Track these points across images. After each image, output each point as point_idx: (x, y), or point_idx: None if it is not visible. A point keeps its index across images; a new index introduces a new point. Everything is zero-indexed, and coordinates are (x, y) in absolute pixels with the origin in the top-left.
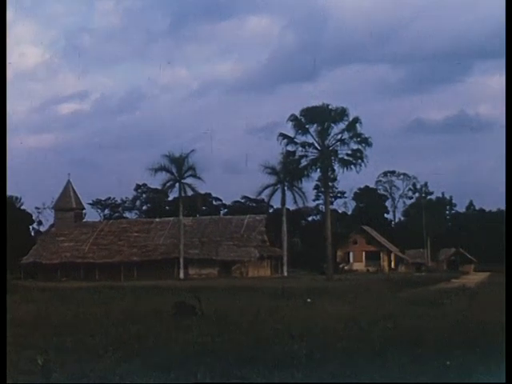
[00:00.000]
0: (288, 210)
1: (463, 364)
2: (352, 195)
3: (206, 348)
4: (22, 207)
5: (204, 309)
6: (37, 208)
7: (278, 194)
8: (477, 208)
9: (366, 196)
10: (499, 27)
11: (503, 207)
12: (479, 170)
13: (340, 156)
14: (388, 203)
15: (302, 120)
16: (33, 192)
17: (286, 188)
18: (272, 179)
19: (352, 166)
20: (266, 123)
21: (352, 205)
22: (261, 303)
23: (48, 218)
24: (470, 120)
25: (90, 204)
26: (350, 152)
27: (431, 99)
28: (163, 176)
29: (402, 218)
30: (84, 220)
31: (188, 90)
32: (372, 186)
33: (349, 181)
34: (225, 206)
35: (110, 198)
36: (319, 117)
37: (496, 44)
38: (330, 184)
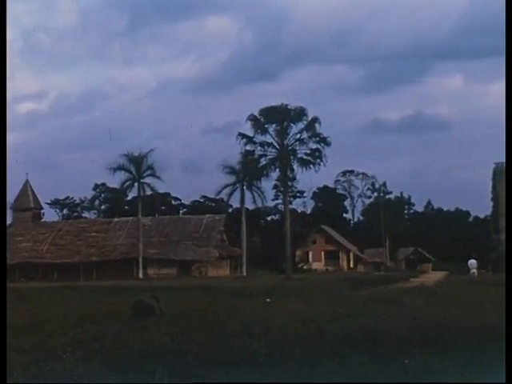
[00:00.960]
0: (247, 209)
1: (421, 362)
2: (311, 195)
3: (164, 348)
4: None
5: (163, 309)
6: None
7: (237, 194)
8: (435, 207)
9: (324, 195)
10: (458, 28)
11: (461, 206)
12: (437, 170)
13: (299, 156)
14: (347, 203)
15: (261, 120)
16: None
17: (245, 187)
18: (231, 179)
19: (311, 166)
20: (225, 123)
21: (311, 204)
22: (220, 303)
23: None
24: (427, 120)
25: (48, 204)
26: (308, 152)
27: (389, 99)
28: (122, 175)
29: (361, 218)
30: (42, 220)
31: (146, 89)
32: (331, 185)
33: (308, 180)
34: (184, 205)
35: (68, 197)
36: (278, 116)
37: (454, 45)
38: (289, 183)
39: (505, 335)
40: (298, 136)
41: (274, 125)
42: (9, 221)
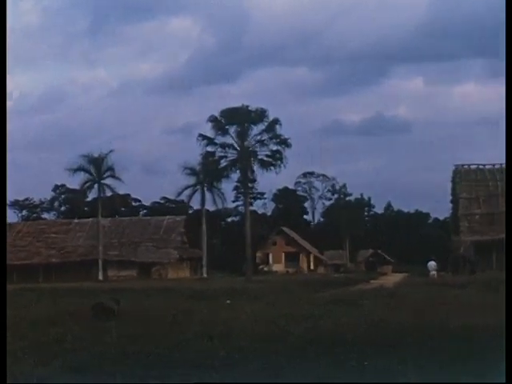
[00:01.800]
0: (207, 211)
1: (381, 363)
2: (271, 196)
3: (124, 350)
4: None
5: (123, 311)
6: None
7: (198, 195)
8: (395, 209)
9: (285, 197)
10: (418, 30)
11: (421, 208)
12: (397, 172)
13: (259, 157)
14: (307, 204)
15: (222, 121)
16: None
17: (205, 189)
18: (191, 180)
19: (271, 167)
20: (185, 124)
21: (271, 206)
22: (180, 305)
23: None
24: (388, 122)
25: (7, 205)
26: (269, 153)
27: (350, 101)
28: (82, 176)
29: (321, 219)
30: None
31: (107, 90)
32: (291, 187)
33: (268, 182)
34: (144, 206)
35: (28, 198)
36: (239, 118)
37: (414, 47)
38: (250, 185)
39: (505, 335)
40: (259, 137)
41: (234, 126)
42: None
